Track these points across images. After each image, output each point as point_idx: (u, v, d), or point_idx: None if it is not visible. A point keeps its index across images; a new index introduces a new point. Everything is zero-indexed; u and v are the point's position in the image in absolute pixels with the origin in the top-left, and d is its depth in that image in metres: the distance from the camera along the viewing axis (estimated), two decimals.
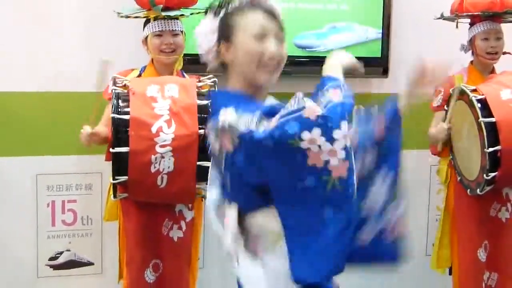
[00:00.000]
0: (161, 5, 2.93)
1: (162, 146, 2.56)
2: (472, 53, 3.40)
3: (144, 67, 3.09)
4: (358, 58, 3.82)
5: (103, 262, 3.66)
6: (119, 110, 2.62)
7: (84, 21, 3.49)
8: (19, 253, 3.56)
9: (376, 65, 3.82)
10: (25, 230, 3.54)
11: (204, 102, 2.68)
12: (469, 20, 3.41)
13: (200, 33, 1.91)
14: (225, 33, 1.85)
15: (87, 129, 2.82)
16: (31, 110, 3.48)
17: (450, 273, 3.44)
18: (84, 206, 3.62)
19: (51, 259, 3.59)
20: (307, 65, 3.59)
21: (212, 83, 2.79)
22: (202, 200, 2.97)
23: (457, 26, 3.41)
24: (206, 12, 1.91)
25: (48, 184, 3.57)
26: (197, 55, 3.31)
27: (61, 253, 3.61)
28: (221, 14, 1.86)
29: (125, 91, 2.70)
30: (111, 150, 2.60)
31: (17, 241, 3.54)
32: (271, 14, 1.82)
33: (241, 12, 1.84)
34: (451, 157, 3.28)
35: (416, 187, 4.02)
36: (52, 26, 3.46)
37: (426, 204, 4.06)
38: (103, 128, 2.90)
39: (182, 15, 3.05)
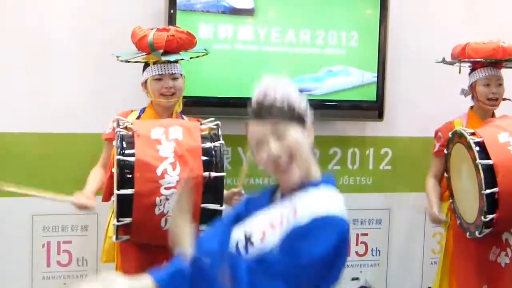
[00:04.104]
0: (161, 50, 2.93)
1: (166, 188, 2.56)
2: (472, 98, 3.44)
3: (143, 109, 3.10)
4: (354, 102, 3.87)
5: None
6: (124, 152, 2.62)
7: (84, 64, 3.51)
8: None
9: (372, 108, 3.87)
10: (20, 271, 3.52)
11: (208, 145, 2.68)
12: (468, 65, 3.45)
13: None
14: None
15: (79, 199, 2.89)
16: (27, 150, 3.48)
17: None
18: (79, 247, 3.61)
19: None
20: None
21: (215, 126, 2.81)
22: None
23: (460, 72, 3.43)
24: None
25: (44, 224, 3.56)
26: (196, 97, 3.36)
27: None
28: None
29: (129, 133, 2.70)
30: (115, 192, 2.58)
31: (12, 281, 3.51)
32: None
33: None
34: (451, 200, 3.28)
35: (411, 229, 4.05)
36: (52, 67, 3.48)
37: (421, 247, 4.08)
38: (91, 185, 2.97)
39: (182, 59, 3.05)
